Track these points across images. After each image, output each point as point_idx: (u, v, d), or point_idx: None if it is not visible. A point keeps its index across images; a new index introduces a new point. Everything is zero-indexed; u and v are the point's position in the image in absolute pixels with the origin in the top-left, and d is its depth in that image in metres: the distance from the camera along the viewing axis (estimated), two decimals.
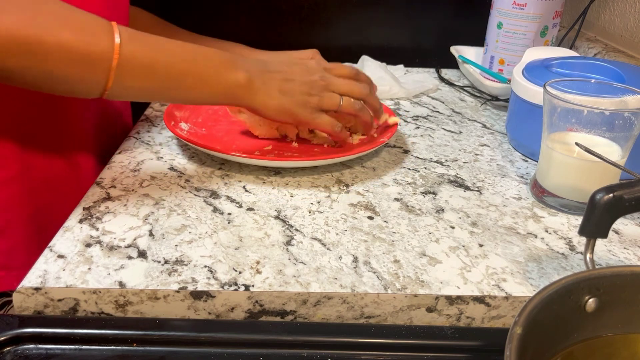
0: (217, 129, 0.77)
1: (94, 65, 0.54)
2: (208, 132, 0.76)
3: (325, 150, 0.73)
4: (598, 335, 0.40)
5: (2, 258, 0.64)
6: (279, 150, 0.72)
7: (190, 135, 0.72)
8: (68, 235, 0.55)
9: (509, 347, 0.33)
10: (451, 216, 0.62)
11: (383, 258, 0.54)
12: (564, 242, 0.58)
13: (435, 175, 0.71)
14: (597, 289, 0.39)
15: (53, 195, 0.68)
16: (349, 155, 0.69)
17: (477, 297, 0.50)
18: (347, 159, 0.71)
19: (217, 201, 0.62)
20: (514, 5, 0.92)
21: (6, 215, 0.64)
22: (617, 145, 0.60)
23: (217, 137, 0.75)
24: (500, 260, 0.55)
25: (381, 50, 1.11)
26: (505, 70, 0.96)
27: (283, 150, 0.73)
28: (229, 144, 0.73)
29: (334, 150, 0.73)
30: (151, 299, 0.49)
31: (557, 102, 0.60)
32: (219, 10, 1.10)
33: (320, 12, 1.12)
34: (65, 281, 0.49)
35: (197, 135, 0.74)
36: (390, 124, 0.77)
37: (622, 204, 0.44)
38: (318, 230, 0.58)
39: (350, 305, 0.50)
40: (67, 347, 0.44)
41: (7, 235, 0.64)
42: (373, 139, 0.75)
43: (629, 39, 0.95)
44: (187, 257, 0.53)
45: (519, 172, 0.73)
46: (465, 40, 1.10)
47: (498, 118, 0.90)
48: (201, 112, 0.80)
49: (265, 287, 0.49)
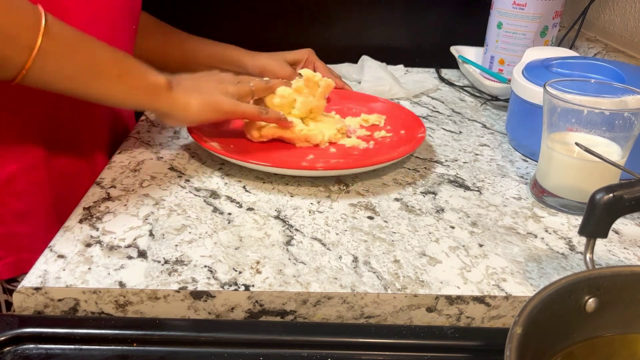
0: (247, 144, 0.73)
1: (14, 41, 0.53)
2: (239, 147, 0.72)
3: (364, 152, 0.73)
4: (598, 335, 0.40)
5: (25, 241, 0.65)
6: (324, 158, 0.70)
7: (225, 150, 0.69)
8: (68, 235, 0.55)
9: (509, 347, 0.33)
10: (451, 216, 0.62)
11: (383, 258, 0.54)
12: (564, 242, 0.58)
13: (435, 175, 0.71)
14: (597, 289, 0.39)
15: (71, 185, 0.69)
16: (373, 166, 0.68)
17: (477, 297, 0.50)
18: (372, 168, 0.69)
19: (217, 201, 0.62)
20: (514, 5, 0.92)
21: (31, 200, 0.66)
22: (617, 145, 0.60)
23: (253, 151, 0.72)
24: (500, 260, 0.55)
25: (381, 50, 1.11)
26: (505, 70, 0.96)
27: (328, 158, 0.70)
28: (272, 158, 0.69)
29: (373, 152, 0.73)
30: (151, 299, 0.49)
31: (557, 102, 0.60)
32: (219, 10, 1.10)
33: (320, 12, 1.12)
34: (65, 281, 0.49)
35: (238, 152, 0.70)
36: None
37: (622, 204, 0.44)
38: (318, 230, 0.58)
39: (350, 305, 0.50)
40: (67, 347, 0.44)
41: (30, 219, 0.66)
42: (401, 135, 0.76)
43: (629, 39, 0.95)
44: (187, 257, 0.53)
45: (519, 172, 0.73)
46: (465, 40, 1.10)
47: (498, 118, 0.90)
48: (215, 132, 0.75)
49: (265, 287, 0.49)
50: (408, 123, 0.79)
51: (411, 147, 0.71)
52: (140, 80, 0.63)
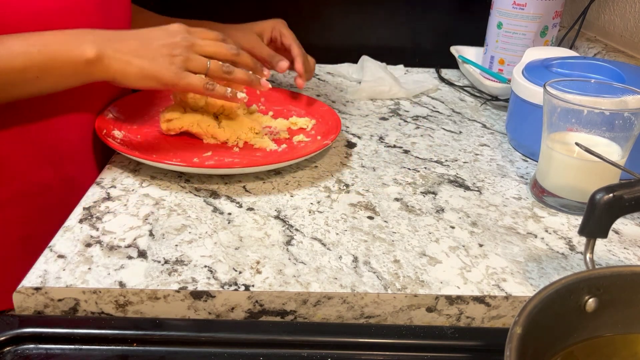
0: (154, 136, 0.73)
1: None
2: (144, 138, 0.72)
3: (267, 154, 0.71)
4: (598, 335, 0.40)
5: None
6: (219, 156, 0.69)
7: (124, 144, 0.68)
8: (68, 235, 0.55)
9: (509, 347, 0.33)
10: (451, 216, 0.62)
11: (383, 258, 0.54)
12: (564, 242, 0.58)
13: (435, 175, 0.71)
14: (597, 289, 0.39)
15: (46, 221, 0.67)
16: (290, 161, 0.67)
17: (477, 297, 0.50)
18: (289, 164, 0.68)
19: (217, 201, 0.62)
20: (514, 5, 0.92)
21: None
22: (617, 145, 0.60)
23: (153, 144, 0.71)
24: (500, 260, 0.55)
25: (381, 50, 1.11)
26: (505, 70, 0.96)
27: (224, 156, 0.69)
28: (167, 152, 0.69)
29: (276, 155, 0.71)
30: (151, 299, 0.49)
31: (557, 102, 0.60)
32: (218, 10, 1.10)
33: (320, 12, 1.12)
34: (65, 281, 0.49)
35: (132, 144, 0.69)
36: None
37: (622, 204, 0.44)
38: (318, 230, 0.58)
39: (350, 305, 0.50)
40: (67, 347, 0.44)
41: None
42: (317, 140, 0.73)
43: (629, 39, 0.95)
44: (187, 257, 0.53)
45: (519, 172, 0.73)
46: (465, 40, 1.10)
47: (498, 118, 0.90)
48: (136, 119, 0.76)
49: (265, 287, 0.49)
50: (331, 130, 0.75)
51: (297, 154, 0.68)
52: (65, 66, 0.59)
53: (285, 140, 0.75)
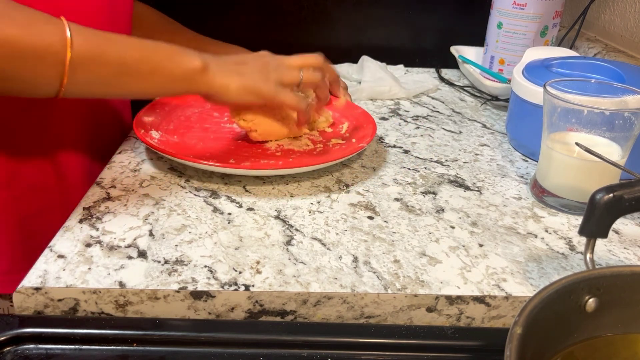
0: (189, 137, 0.74)
1: (45, 60, 0.53)
2: (180, 139, 0.73)
3: (300, 155, 0.71)
4: (598, 335, 0.40)
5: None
6: (255, 158, 0.69)
7: (161, 144, 0.69)
8: (68, 235, 0.55)
9: (509, 347, 0.33)
10: (451, 216, 0.62)
11: (383, 258, 0.54)
12: (564, 242, 0.58)
13: (435, 175, 0.71)
14: (597, 289, 0.39)
15: (40, 203, 0.68)
16: (328, 162, 0.67)
17: (477, 297, 0.50)
18: (328, 165, 0.68)
19: (217, 201, 0.62)
20: (514, 5, 0.92)
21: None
22: (617, 145, 0.60)
23: (189, 145, 0.72)
24: (500, 260, 0.55)
25: (381, 50, 1.11)
26: (505, 70, 0.96)
27: (259, 157, 0.70)
28: (202, 152, 0.70)
29: (310, 157, 0.71)
30: (151, 299, 0.49)
31: (557, 102, 0.60)
32: (219, 10, 1.10)
33: (320, 12, 1.12)
34: (65, 281, 0.49)
35: (169, 144, 0.70)
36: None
37: (622, 204, 0.44)
38: (318, 230, 0.58)
39: (350, 305, 0.50)
40: (67, 347, 0.44)
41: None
42: (352, 144, 0.73)
43: (629, 39, 0.95)
44: (187, 257, 0.53)
45: (519, 172, 0.73)
46: (465, 40, 1.10)
47: (498, 118, 0.90)
48: (172, 119, 0.77)
49: (265, 287, 0.49)
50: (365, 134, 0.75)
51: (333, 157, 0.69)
52: (172, 70, 0.61)
53: (319, 141, 0.75)
